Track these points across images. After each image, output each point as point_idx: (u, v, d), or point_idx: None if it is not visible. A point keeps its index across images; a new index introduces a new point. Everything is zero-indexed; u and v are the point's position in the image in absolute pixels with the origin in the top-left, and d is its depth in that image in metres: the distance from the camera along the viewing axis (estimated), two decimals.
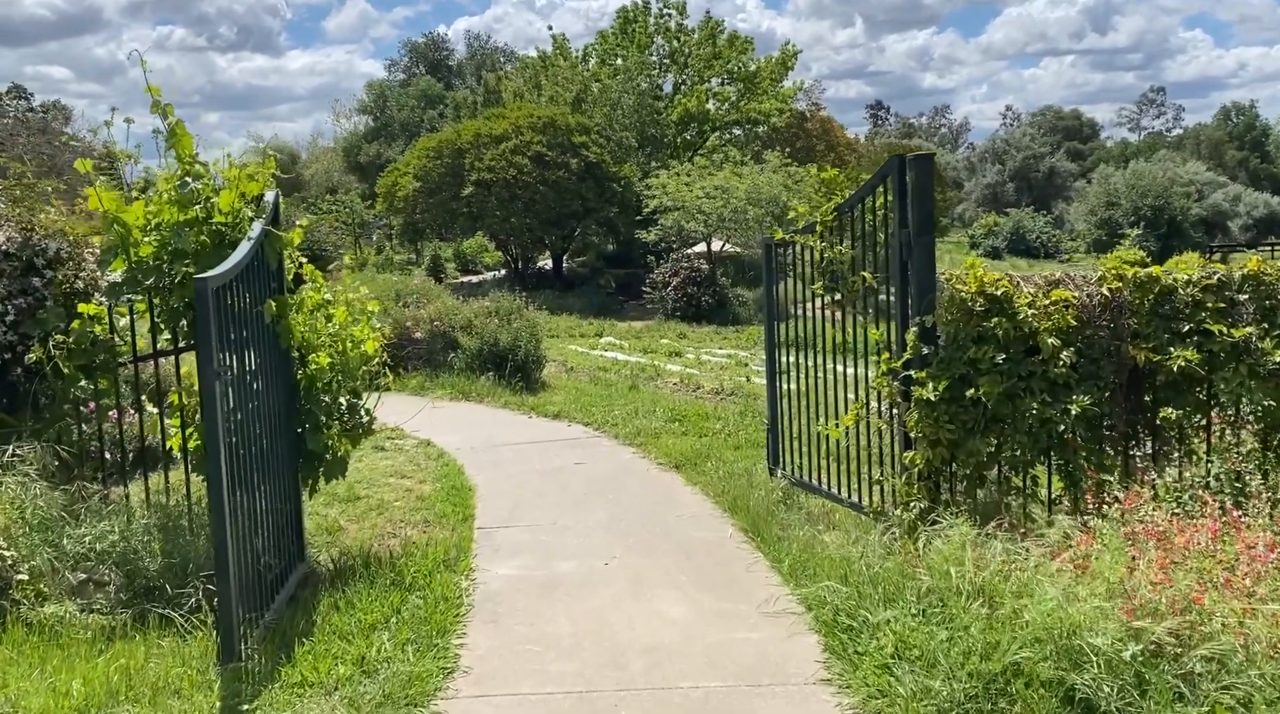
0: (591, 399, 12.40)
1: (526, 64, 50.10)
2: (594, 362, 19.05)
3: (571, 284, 36.43)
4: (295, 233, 5.90)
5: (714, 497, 7.30)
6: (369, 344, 5.90)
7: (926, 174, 5.53)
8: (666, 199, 32.18)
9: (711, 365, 19.19)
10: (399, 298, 15.62)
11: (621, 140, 40.75)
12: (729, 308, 30.95)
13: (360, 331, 6.00)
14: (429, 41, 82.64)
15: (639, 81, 43.01)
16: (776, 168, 33.74)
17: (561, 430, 10.55)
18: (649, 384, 16.28)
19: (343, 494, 7.80)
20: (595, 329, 26.68)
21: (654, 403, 12.07)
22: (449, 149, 35.38)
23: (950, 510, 5.25)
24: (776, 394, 7.48)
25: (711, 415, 10.92)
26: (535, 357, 13.81)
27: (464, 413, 12.01)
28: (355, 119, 73.89)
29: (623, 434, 9.94)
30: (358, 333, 5.97)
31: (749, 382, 16.43)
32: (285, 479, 5.53)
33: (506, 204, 33.65)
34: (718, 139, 45.71)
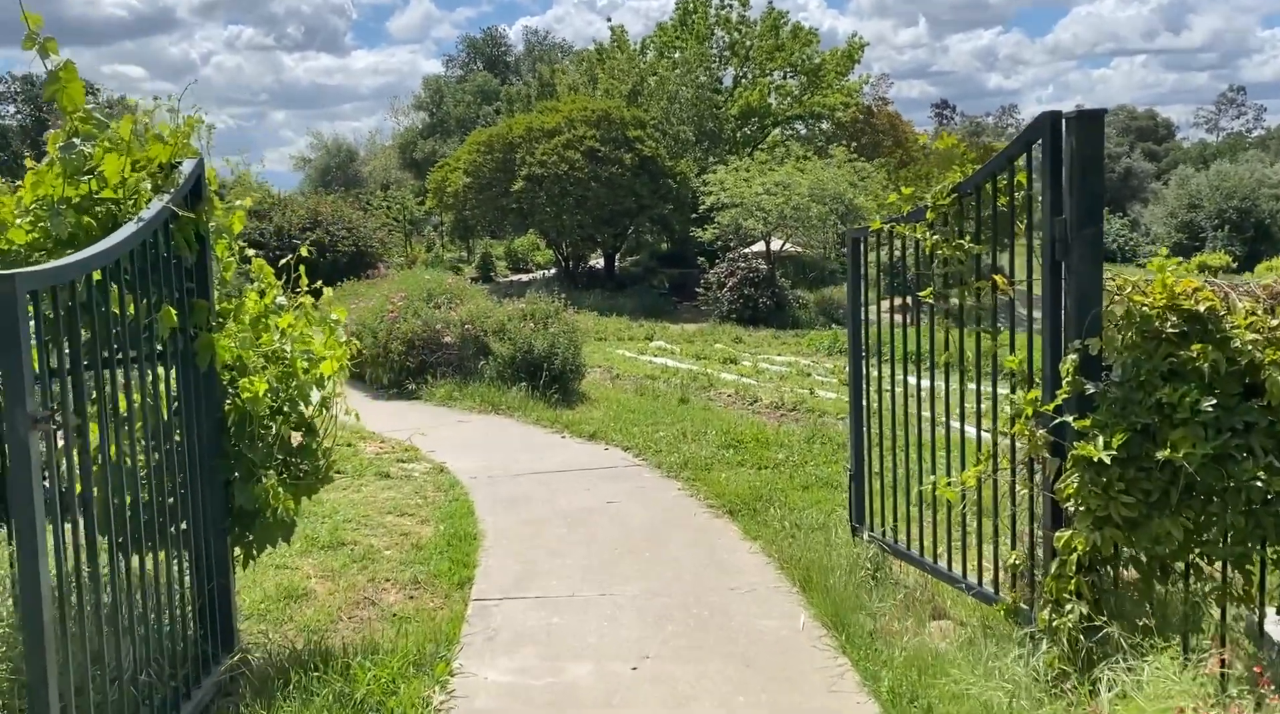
0: (635, 416, 10.88)
1: (583, 57, 48.79)
2: (641, 368, 17.56)
3: (623, 284, 34.98)
4: (235, 217, 4.48)
5: (780, 561, 5.73)
6: (327, 364, 4.44)
7: (1094, 140, 3.92)
8: (724, 196, 30.56)
9: (770, 375, 17.57)
10: (430, 298, 14.26)
11: (678, 135, 39.20)
12: (788, 311, 29.26)
13: (321, 346, 4.56)
14: (487, 37, 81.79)
15: (698, 74, 41.42)
16: (842, 163, 31.94)
17: (597, 456, 9.05)
18: (700, 395, 14.76)
19: (325, 538, 6.39)
20: (645, 332, 25.18)
21: (705, 422, 10.51)
22: (500, 143, 34.15)
23: (1120, 619, 3.66)
24: (863, 431, 5.88)
25: (773, 440, 9.33)
26: (574, 365, 12.34)
27: (490, 430, 10.57)
28: (412, 116, 73.38)
29: (668, 464, 8.40)
30: (317, 348, 4.53)
31: (812, 395, 14.82)
32: (206, 547, 4.10)
33: (557, 200, 32.30)
34: (779, 134, 43.93)
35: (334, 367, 4.47)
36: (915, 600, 4.88)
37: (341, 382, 4.73)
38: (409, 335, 13.27)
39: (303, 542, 6.31)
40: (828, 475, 7.81)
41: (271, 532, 4.21)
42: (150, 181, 3.86)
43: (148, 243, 3.58)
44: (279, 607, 5.19)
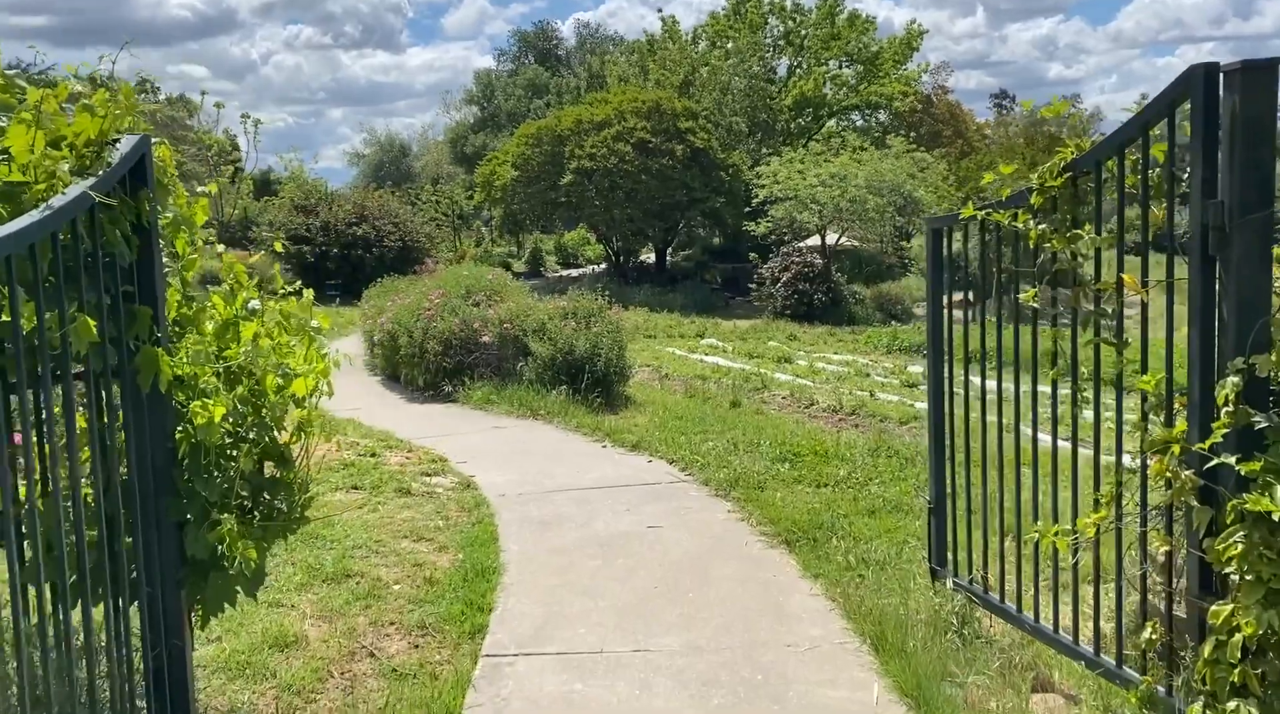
0: (682, 423, 10.08)
1: (633, 48, 47.98)
2: (692, 367, 16.76)
3: (674, 279, 34.17)
4: (198, 206, 3.77)
5: (845, 608, 4.89)
6: (300, 382, 3.70)
7: (1263, 99, 3.03)
8: (777, 188, 29.57)
9: (827, 375, 16.64)
10: (468, 295, 13.60)
11: (731, 126, 38.23)
12: (844, 307, 28.23)
13: (298, 359, 3.84)
14: (538, 31, 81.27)
15: (751, 64, 40.39)
16: (900, 153, 30.74)
17: (639, 469, 8.27)
18: (753, 398, 13.94)
19: (330, 569, 5.70)
20: (697, 328, 24.36)
21: (758, 430, 9.68)
22: (548, 136, 33.52)
23: None
24: (945, 456, 5.01)
25: (833, 452, 8.47)
26: (618, 367, 11.56)
27: (526, 437, 9.85)
28: (464, 110, 73.20)
29: (716, 480, 7.59)
30: (294, 362, 3.80)
31: (873, 398, 13.91)
32: (156, 603, 3.40)
33: (606, 194, 31.59)
34: (835, 125, 42.73)
35: (310, 384, 3.73)
36: (1012, 666, 4.02)
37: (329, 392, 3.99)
38: (446, 335, 12.63)
39: (305, 573, 5.62)
40: (896, 497, 6.94)
41: (227, 588, 3.48)
42: (75, 162, 3.15)
43: (59, 237, 2.86)
44: (263, 657, 4.49)
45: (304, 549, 6.11)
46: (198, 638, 4.71)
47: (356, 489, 7.48)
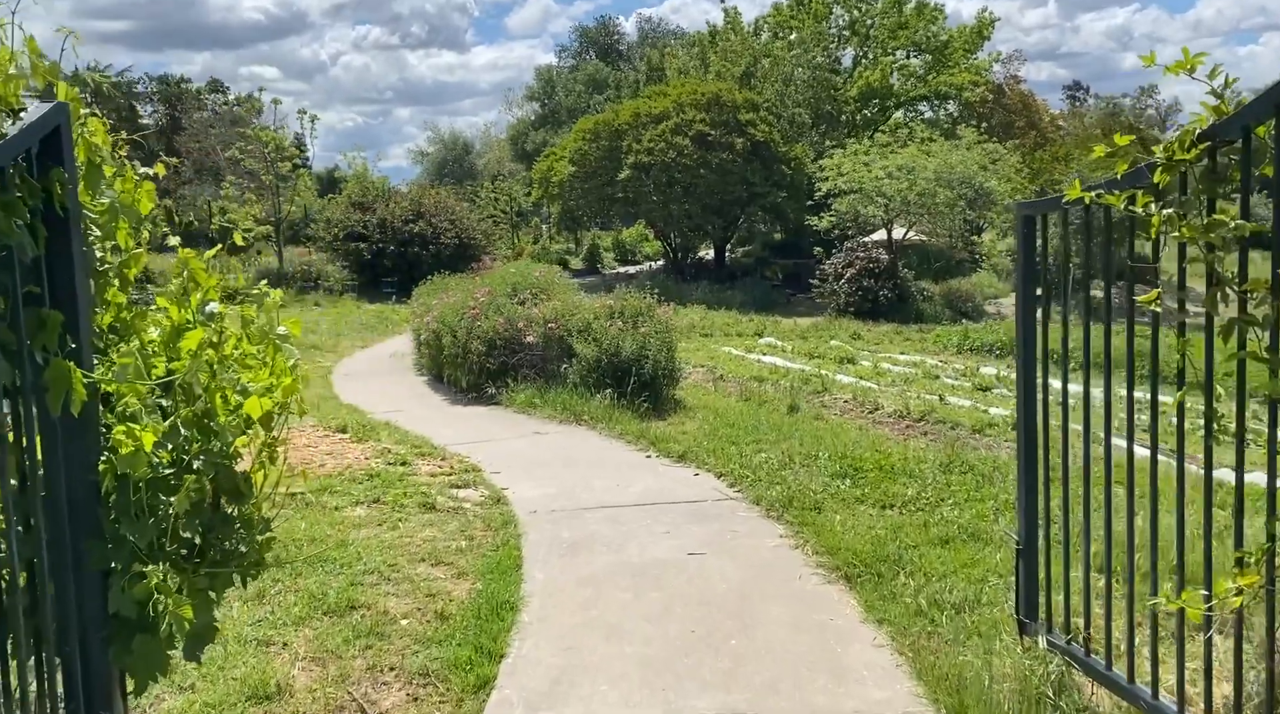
0: (734, 431, 9.36)
1: (694, 40, 47.17)
2: (748, 368, 16.01)
3: (733, 275, 33.35)
4: (142, 192, 3.19)
5: (917, 665, 4.14)
6: (253, 402, 3.08)
7: None
8: (842, 181, 28.57)
9: (892, 377, 15.75)
10: (514, 293, 13.04)
11: (793, 118, 37.26)
12: (911, 304, 27.16)
13: (260, 374, 3.23)
14: (600, 27, 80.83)
15: (814, 54, 39.34)
16: (971, 144, 29.51)
17: (684, 484, 7.58)
18: (813, 401, 13.16)
19: (333, 598, 5.12)
20: (755, 327, 23.56)
21: (817, 440, 8.92)
22: (606, 131, 32.94)
23: None
24: (1037, 484, 4.23)
25: (899, 467, 7.68)
26: (667, 370, 10.88)
27: (566, 445, 9.22)
28: (525, 107, 73.12)
29: (768, 499, 6.86)
30: (251, 377, 3.20)
31: (942, 402, 13.02)
32: (76, 667, 2.82)
33: (664, 189, 30.89)
34: (902, 116, 41.44)
35: (268, 405, 3.12)
36: None
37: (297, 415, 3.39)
38: (490, 334, 12.08)
39: (305, 603, 5.05)
40: (972, 523, 6.15)
41: (156, 653, 2.88)
42: None
43: None
44: (237, 712, 3.91)
45: (311, 573, 5.55)
46: (169, 685, 4.16)
47: (378, 503, 6.92)
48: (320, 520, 6.42)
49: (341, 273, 29.27)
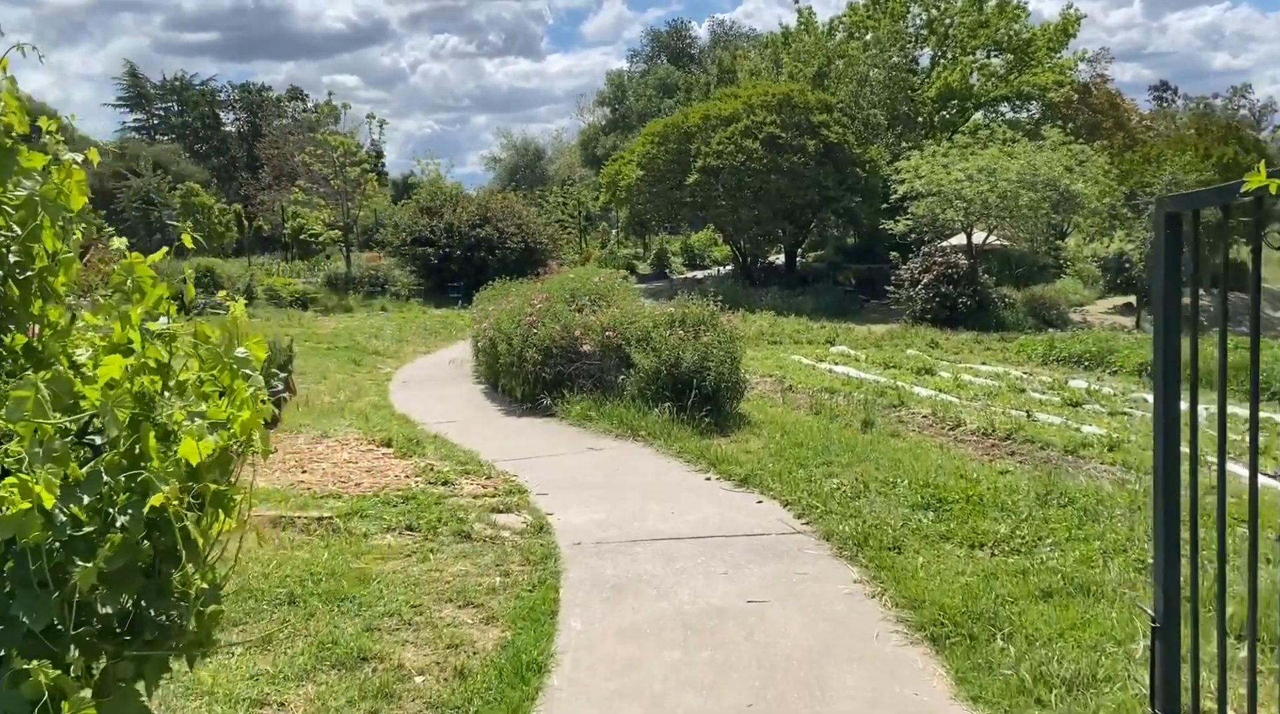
0: (802, 451, 8.60)
1: (767, 41, 46.26)
2: (819, 379, 15.19)
3: (805, 280, 32.44)
4: (71, 183, 2.63)
5: None
6: (190, 444, 2.46)
7: None
8: (919, 183, 27.45)
9: (975, 389, 14.77)
10: (572, 299, 12.44)
11: (868, 119, 36.14)
12: (992, 311, 25.96)
13: (215, 407, 2.63)
14: (672, 31, 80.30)
15: (891, 54, 38.16)
16: (1056, 145, 28.14)
17: (746, 512, 6.86)
18: (888, 416, 12.34)
19: (345, 646, 4.53)
20: (827, 334, 22.66)
21: (895, 463, 8.12)
22: (675, 133, 32.31)
23: None
24: (1178, 549, 3.41)
25: (988, 498, 6.85)
26: (730, 382, 10.16)
27: (619, 464, 8.57)
28: (596, 112, 72.98)
29: (841, 534, 6.11)
30: (212, 411, 2.60)
31: (1030, 419, 12.07)
32: None
33: (734, 193, 30.13)
34: (982, 118, 39.99)
35: (209, 447, 2.50)
36: None
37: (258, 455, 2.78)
38: (545, 343, 11.50)
39: (313, 652, 4.47)
40: (1078, 570, 5.31)
41: None
42: None
43: None
44: None
45: (327, 613, 4.98)
46: None
47: (411, 531, 6.34)
48: (345, 550, 5.87)
49: (408, 277, 29.15)
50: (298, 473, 7.84)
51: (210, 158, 77.65)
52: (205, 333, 2.72)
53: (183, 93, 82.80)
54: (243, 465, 2.72)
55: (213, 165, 75.61)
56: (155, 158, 63.66)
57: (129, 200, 53.08)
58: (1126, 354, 18.88)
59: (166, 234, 47.68)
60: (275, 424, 9.76)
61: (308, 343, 19.26)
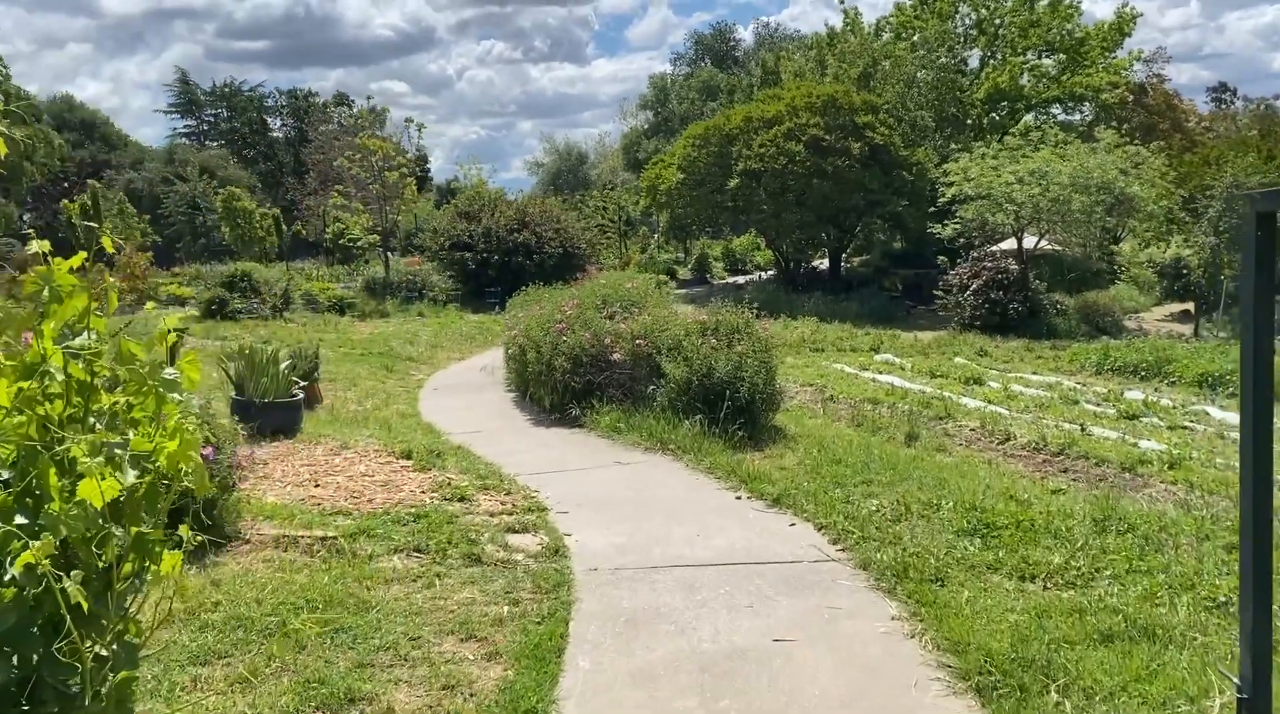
0: (840, 468, 8.12)
1: (812, 43, 45.62)
2: (861, 388, 14.68)
3: (849, 286, 31.78)
4: None
5: None
6: (91, 485, 2.09)
7: None
8: (968, 186, 26.72)
9: (1025, 400, 14.15)
10: (604, 305, 12.06)
11: (915, 121, 35.40)
12: (1043, 318, 25.19)
13: (139, 436, 2.27)
14: (717, 34, 79.82)
15: (939, 54, 37.39)
16: (1111, 147, 27.24)
17: (778, 537, 6.41)
18: (934, 428, 11.83)
19: (334, 685, 4.17)
20: (871, 341, 22.05)
21: (940, 482, 7.62)
22: (716, 136, 31.86)
23: None
24: (1269, 609, 2.92)
25: (1041, 523, 6.33)
26: (765, 393, 9.70)
27: (646, 480, 8.16)
28: (639, 116, 72.75)
29: (879, 563, 5.64)
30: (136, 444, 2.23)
31: (1084, 433, 11.48)
32: None
33: (776, 197, 29.59)
34: (1033, 119, 39.01)
35: (112, 488, 2.12)
36: None
37: None
38: (575, 351, 11.13)
39: (298, 692, 4.12)
40: (1141, 609, 4.80)
41: None
42: None
43: None
44: None
45: (318, 646, 4.62)
46: None
47: (419, 552, 5.98)
48: (347, 574, 5.52)
49: (446, 282, 28.99)
50: (310, 487, 7.54)
51: (258, 163, 78.71)
52: (130, 350, 2.35)
53: (232, 99, 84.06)
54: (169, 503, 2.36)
55: (260, 170, 76.62)
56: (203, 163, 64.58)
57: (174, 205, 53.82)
58: (1185, 364, 18.07)
59: (212, 238, 48.23)
60: (294, 434, 9.50)
61: (341, 348, 19.10)
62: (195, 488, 2.35)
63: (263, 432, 9.22)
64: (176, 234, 52.14)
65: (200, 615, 4.83)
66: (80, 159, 66.17)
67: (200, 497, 2.40)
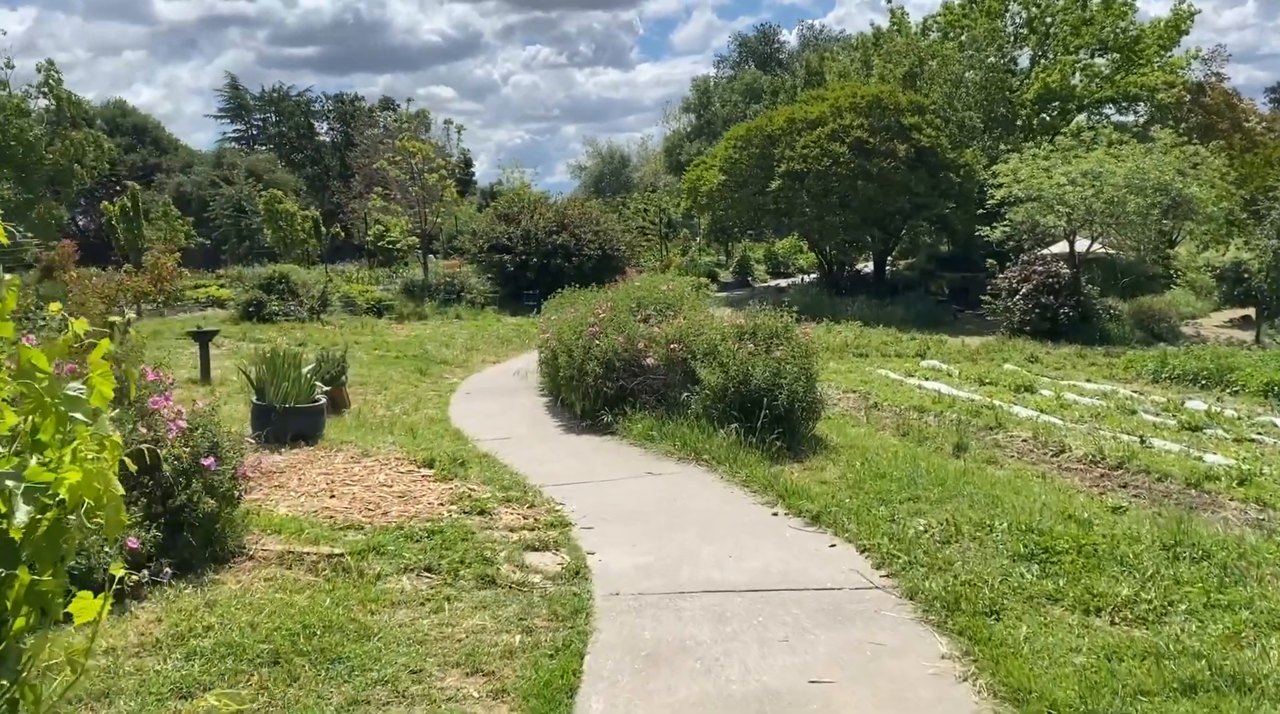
0: (885, 483, 7.62)
1: (858, 43, 44.87)
2: (907, 395, 14.12)
3: (894, 289, 31.04)
4: None
5: None
6: None
7: None
8: (1018, 188, 25.91)
9: (1080, 410, 13.49)
10: (638, 308, 11.65)
11: (963, 122, 34.55)
12: (1096, 323, 24.34)
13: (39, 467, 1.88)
14: (760, 36, 79.13)
15: (988, 54, 36.50)
16: (1168, 147, 26.27)
17: (817, 559, 5.94)
18: (984, 439, 11.29)
19: None
20: (917, 347, 21.40)
21: (992, 499, 7.10)
22: (758, 137, 31.30)
23: None
24: None
25: (1105, 548, 5.80)
26: (805, 401, 9.21)
27: (678, 493, 7.72)
28: (681, 119, 72.35)
29: (928, 592, 5.15)
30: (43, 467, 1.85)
31: (1144, 446, 10.86)
32: None
33: (819, 199, 28.98)
34: (1085, 120, 37.95)
35: None
36: None
37: None
38: (607, 355, 10.72)
39: None
40: (1223, 655, 4.27)
41: None
42: None
43: None
44: None
45: (312, 678, 4.26)
46: None
47: (430, 572, 5.60)
48: (351, 595, 5.15)
49: (484, 285, 28.77)
50: (325, 497, 7.20)
51: (305, 167, 79.43)
52: (29, 360, 1.97)
53: (280, 103, 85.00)
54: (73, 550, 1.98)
55: (307, 174, 77.31)
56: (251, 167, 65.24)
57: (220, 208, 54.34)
58: (1250, 372, 17.23)
59: (256, 241, 48.59)
60: (315, 440, 9.19)
61: (376, 351, 18.89)
62: (105, 527, 1.96)
63: (282, 438, 8.93)
64: (223, 237, 52.63)
65: (189, 641, 4.48)
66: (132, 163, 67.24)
67: (199, 513, 2.02)
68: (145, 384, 5.71)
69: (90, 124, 49.09)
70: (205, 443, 5.61)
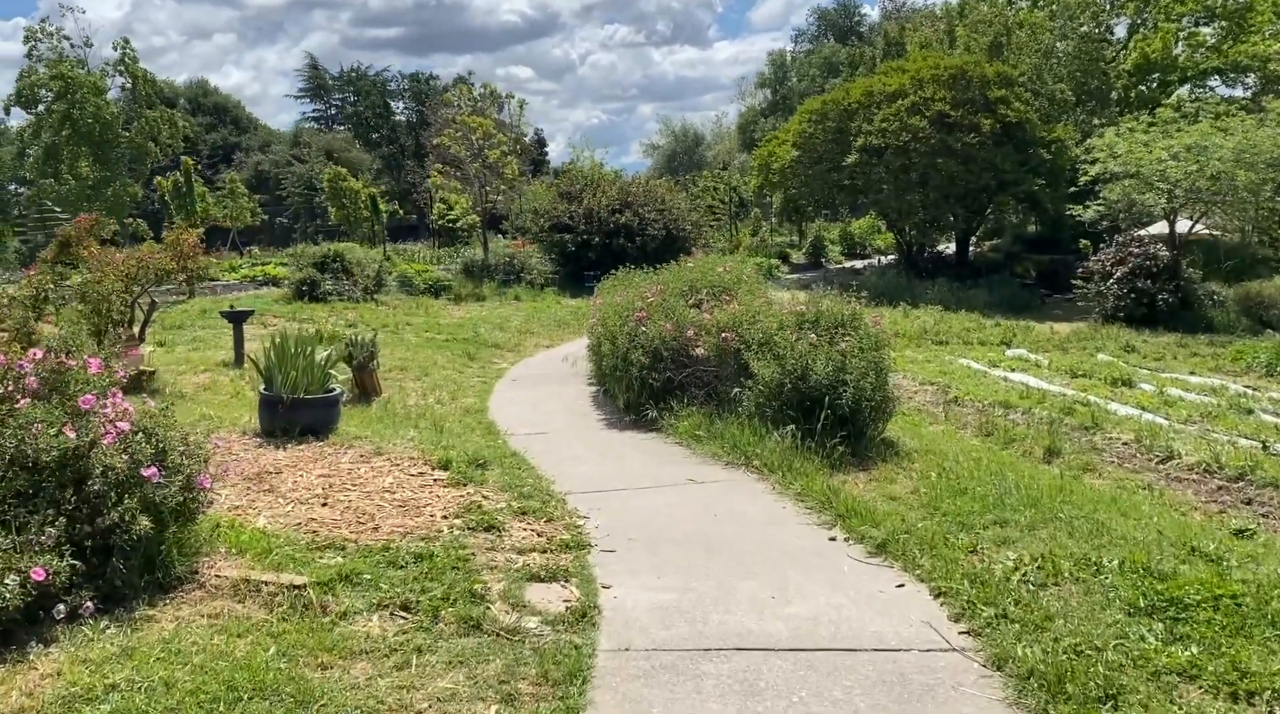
0: (966, 501, 6.45)
1: (942, 13, 42.74)
2: (991, 389, 12.84)
3: (977, 272, 29.37)
4: None
5: None
6: None
7: None
8: (1114, 164, 24.06)
9: (1186, 407, 12.01)
10: (690, 291, 10.58)
11: (1053, 95, 32.50)
12: (1198, 310, 22.48)
13: None
14: (840, 8, 76.62)
15: (1081, 22, 34.28)
16: None
17: (879, 606, 4.82)
18: (1079, 440, 10.05)
19: None
20: (1002, 333, 19.94)
21: (1096, 526, 5.90)
22: (834, 111, 29.84)
23: None
24: None
25: (1247, 600, 4.57)
26: (874, 401, 8.04)
27: (720, 507, 6.65)
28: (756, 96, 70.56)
29: (1020, 660, 4.02)
30: None
31: (1269, 453, 9.47)
32: None
33: (898, 175, 27.43)
34: (1187, 93, 35.45)
35: None
36: None
37: None
38: (654, 343, 9.69)
39: None
40: None
41: None
42: None
43: None
44: None
45: None
46: None
47: (406, 611, 4.64)
48: (304, 642, 4.22)
49: (545, 265, 27.92)
50: (316, 505, 6.31)
51: (380, 146, 79.76)
52: None
53: (357, 83, 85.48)
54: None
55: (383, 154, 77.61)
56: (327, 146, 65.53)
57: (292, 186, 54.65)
58: None
59: (324, 218, 48.63)
60: (327, 434, 8.34)
61: (426, 333, 18.15)
62: None
63: (289, 432, 8.10)
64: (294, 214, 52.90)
65: (78, 709, 3.59)
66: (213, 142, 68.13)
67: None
68: (84, 378, 4.87)
69: (171, 104, 49.54)
70: (149, 450, 4.73)
